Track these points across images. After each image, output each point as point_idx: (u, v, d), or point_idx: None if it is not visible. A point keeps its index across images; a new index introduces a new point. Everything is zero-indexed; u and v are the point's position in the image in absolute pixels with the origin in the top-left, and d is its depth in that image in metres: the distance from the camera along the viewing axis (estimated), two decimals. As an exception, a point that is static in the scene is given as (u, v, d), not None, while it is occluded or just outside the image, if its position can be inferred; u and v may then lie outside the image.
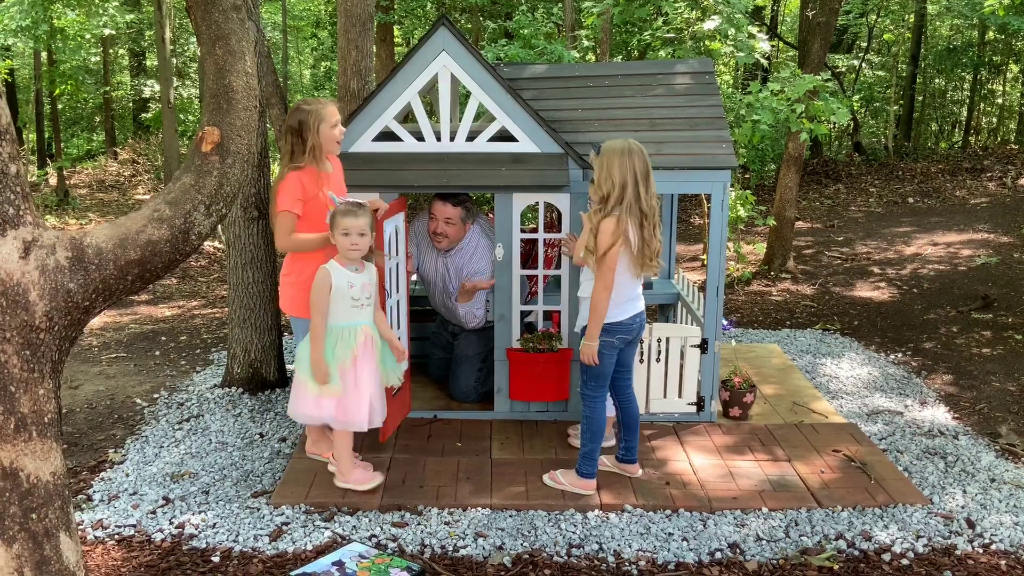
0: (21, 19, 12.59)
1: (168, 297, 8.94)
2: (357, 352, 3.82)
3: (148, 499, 4.00)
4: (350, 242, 3.77)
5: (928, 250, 10.22)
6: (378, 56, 12.19)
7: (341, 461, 3.98)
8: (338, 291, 3.79)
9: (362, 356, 3.84)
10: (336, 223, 3.79)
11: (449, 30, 4.43)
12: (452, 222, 4.82)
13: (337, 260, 3.83)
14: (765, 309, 7.84)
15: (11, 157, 2.22)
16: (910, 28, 17.43)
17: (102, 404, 5.38)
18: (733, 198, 7.71)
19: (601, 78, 5.15)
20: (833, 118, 6.75)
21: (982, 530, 3.70)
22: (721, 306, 4.66)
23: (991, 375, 5.74)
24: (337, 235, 3.79)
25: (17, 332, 2.23)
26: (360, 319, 3.85)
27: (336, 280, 3.79)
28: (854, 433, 4.66)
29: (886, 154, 16.82)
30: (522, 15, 10.71)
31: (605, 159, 3.75)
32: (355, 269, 3.84)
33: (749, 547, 3.57)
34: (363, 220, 3.78)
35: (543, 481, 4.07)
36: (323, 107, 3.96)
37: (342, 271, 3.81)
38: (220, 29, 2.61)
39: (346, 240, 3.77)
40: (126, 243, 2.41)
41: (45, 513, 2.30)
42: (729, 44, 7.56)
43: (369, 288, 3.87)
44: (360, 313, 3.85)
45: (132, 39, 18.54)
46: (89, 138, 20.29)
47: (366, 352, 3.86)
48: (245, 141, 2.65)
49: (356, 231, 3.77)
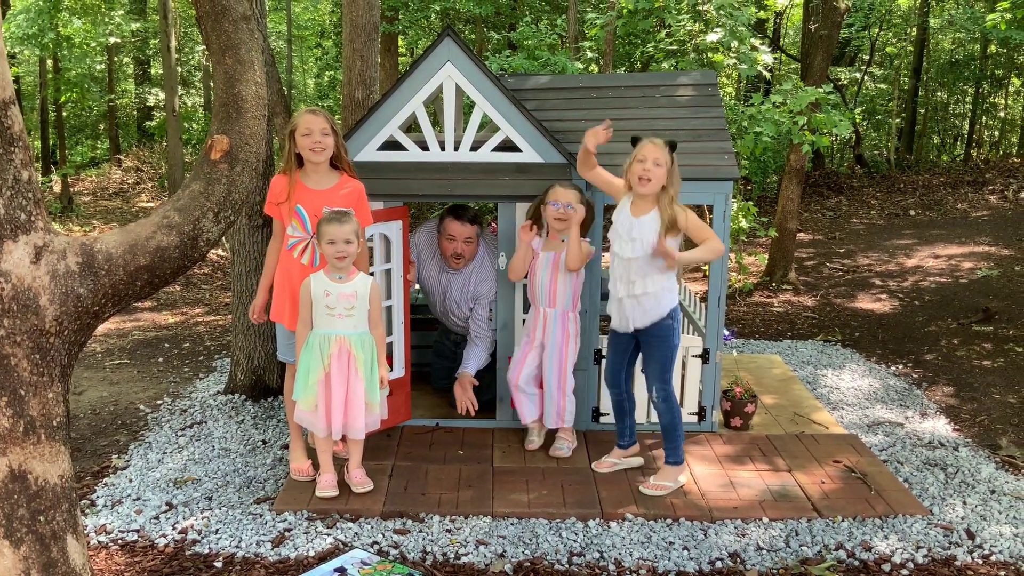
0: (28, 27, 12.68)
1: (172, 304, 8.97)
2: (331, 362, 3.82)
3: (151, 504, 4.02)
4: (336, 250, 3.77)
5: (929, 262, 10.24)
6: (382, 66, 12.23)
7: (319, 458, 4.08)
8: (314, 298, 3.84)
9: (335, 365, 3.83)
10: (321, 232, 3.80)
11: (454, 41, 4.47)
12: (471, 240, 4.86)
13: (325, 269, 3.87)
14: (766, 320, 7.86)
15: (23, 164, 2.25)
16: (912, 41, 17.50)
17: (106, 410, 5.40)
18: (735, 209, 7.75)
19: (604, 89, 5.19)
20: (835, 130, 6.79)
21: (982, 541, 3.71)
22: (723, 316, 4.68)
23: (992, 387, 5.76)
24: (323, 244, 3.80)
25: (27, 336, 2.26)
26: (336, 328, 3.84)
27: (313, 287, 3.84)
28: (855, 444, 4.67)
29: (888, 166, 16.86)
30: (526, 26, 10.77)
31: (675, 159, 3.92)
32: (339, 278, 3.84)
33: (749, 556, 3.58)
34: (348, 228, 3.78)
35: (644, 493, 4.07)
36: (299, 115, 3.99)
37: (322, 279, 3.85)
38: (230, 39, 2.64)
39: (332, 249, 3.77)
40: (136, 249, 2.44)
41: (53, 516, 2.33)
42: (732, 56, 7.60)
43: (351, 299, 3.84)
44: (336, 322, 3.84)
45: (137, 47, 18.64)
46: (93, 145, 20.37)
47: (339, 362, 3.83)
48: (254, 149, 2.69)
49: (342, 239, 3.76)
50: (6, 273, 2.23)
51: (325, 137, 3.94)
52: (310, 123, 3.93)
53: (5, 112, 2.21)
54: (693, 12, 7.80)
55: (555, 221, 4.26)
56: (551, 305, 4.39)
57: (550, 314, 4.39)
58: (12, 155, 2.23)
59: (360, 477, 4.06)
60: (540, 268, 4.39)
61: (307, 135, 3.93)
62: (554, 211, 4.23)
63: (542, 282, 4.38)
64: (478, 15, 13.03)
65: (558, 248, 4.34)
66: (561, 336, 4.40)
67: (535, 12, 14.32)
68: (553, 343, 4.40)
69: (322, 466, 4.06)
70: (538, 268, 4.39)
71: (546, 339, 4.41)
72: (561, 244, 4.32)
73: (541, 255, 4.39)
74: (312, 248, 4.00)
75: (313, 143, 3.93)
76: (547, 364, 4.43)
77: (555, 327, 4.40)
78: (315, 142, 3.93)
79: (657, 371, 4.09)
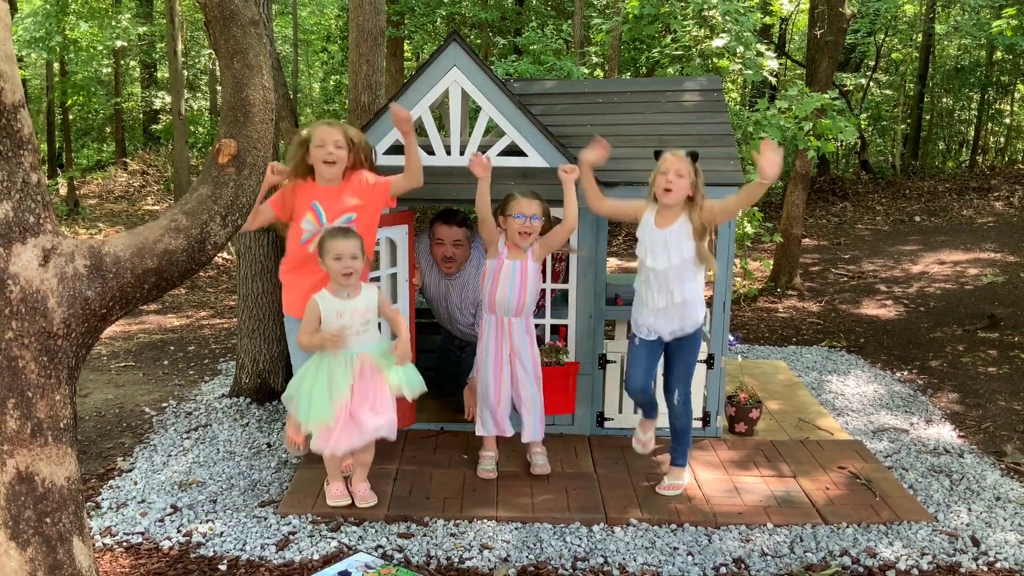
0: (35, 30, 12.74)
1: (177, 307, 8.99)
2: (354, 381, 3.71)
3: (156, 507, 4.03)
4: (343, 266, 3.66)
5: (935, 268, 10.23)
6: (388, 71, 12.27)
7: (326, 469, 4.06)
8: (327, 321, 3.70)
9: (358, 384, 3.72)
10: (326, 248, 3.69)
11: (460, 46, 4.48)
12: (460, 243, 4.86)
13: (328, 288, 3.75)
14: (771, 325, 7.85)
15: (32, 167, 2.27)
16: (918, 47, 17.49)
17: (111, 412, 5.41)
18: (740, 214, 7.74)
19: (610, 94, 5.19)
20: (840, 136, 6.80)
21: (987, 548, 3.70)
22: (727, 322, 4.68)
23: (997, 394, 5.74)
24: (329, 261, 3.68)
25: (35, 338, 2.27)
26: (356, 346, 3.73)
27: (324, 310, 3.70)
28: (859, 450, 4.66)
29: (893, 172, 16.84)
30: (532, 31, 10.79)
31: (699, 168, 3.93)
32: (346, 296, 3.73)
33: (754, 562, 3.57)
34: (354, 242, 3.69)
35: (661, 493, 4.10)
36: (315, 127, 4.00)
37: (331, 300, 3.72)
38: (238, 43, 2.65)
39: (339, 264, 3.66)
40: (143, 252, 2.45)
41: (59, 518, 2.33)
42: (737, 62, 7.61)
43: (366, 313, 3.75)
44: (353, 340, 3.73)
45: (144, 51, 18.69)
46: (99, 149, 20.43)
47: (362, 379, 3.73)
48: (261, 153, 2.69)
49: (348, 254, 3.66)
50: (14, 276, 2.24)
51: (338, 150, 3.93)
52: (324, 135, 3.93)
53: (14, 115, 2.22)
54: (698, 18, 7.81)
55: (519, 236, 4.09)
56: (517, 314, 4.19)
57: (515, 323, 4.19)
58: (21, 158, 2.24)
59: (364, 491, 4.02)
60: (505, 277, 4.14)
61: (320, 147, 3.93)
62: (519, 224, 4.06)
63: (509, 292, 4.14)
64: (484, 20, 13.05)
65: (522, 257, 4.15)
66: (530, 344, 4.24)
67: (541, 17, 14.34)
68: (525, 352, 4.22)
69: (330, 474, 4.04)
70: (502, 277, 4.14)
71: (514, 350, 4.21)
72: (523, 253, 4.14)
73: (505, 263, 4.14)
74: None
75: (325, 155, 3.92)
76: (522, 376, 4.22)
77: (522, 336, 4.22)
78: (327, 153, 3.92)
79: (684, 374, 4.11)
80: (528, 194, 4.11)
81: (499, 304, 4.18)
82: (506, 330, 4.20)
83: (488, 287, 4.19)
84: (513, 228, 4.09)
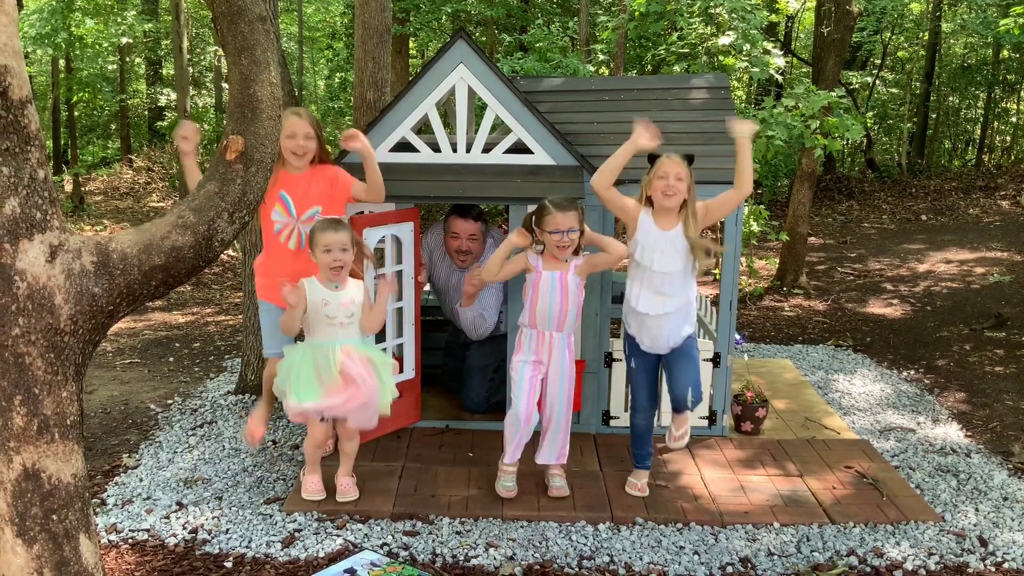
0: (41, 27, 12.75)
1: (182, 304, 9.00)
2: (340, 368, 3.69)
3: (162, 504, 4.03)
4: (332, 258, 3.65)
5: (941, 267, 10.20)
6: (393, 68, 12.25)
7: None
8: (313, 308, 3.71)
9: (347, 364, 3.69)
10: (316, 240, 3.68)
11: (467, 43, 4.47)
12: (476, 238, 4.86)
13: (318, 277, 3.76)
14: (777, 324, 7.83)
15: (39, 162, 2.26)
16: (924, 46, 17.43)
17: (116, 409, 5.41)
18: (746, 213, 7.73)
19: (617, 92, 5.18)
20: (847, 134, 6.77)
21: (994, 548, 3.68)
22: (734, 321, 4.67)
23: (1004, 393, 5.72)
24: (318, 253, 3.67)
25: (42, 335, 2.26)
26: (339, 337, 3.73)
27: (310, 296, 3.70)
28: (866, 449, 4.65)
29: (899, 171, 16.79)
30: (538, 28, 10.78)
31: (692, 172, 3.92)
32: (335, 287, 3.73)
33: (760, 562, 3.56)
34: (344, 235, 3.68)
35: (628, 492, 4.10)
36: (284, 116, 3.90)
37: (318, 287, 3.72)
38: (246, 40, 2.64)
39: (328, 257, 3.65)
40: (151, 249, 2.44)
41: (65, 515, 2.33)
42: (743, 60, 7.59)
43: (350, 307, 3.75)
44: (338, 332, 3.72)
45: (149, 48, 18.71)
46: (104, 145, 20.45)
47: (351, 364, 3.70)
48: (268, 150, 2.69)
49: (338, 247, 3.65)
50: (21, 272, 2.23)
51: (308, 141, 3.98)
52: (294, 126, 3.95)
53: (22, 111, 2.22)
54: (705, 15, 7.79)
55: (557, 249, 3.94)
56: (558, 329, 4.02)
57: (556, 338, 4.03)
58: (28, 154, 2.23)
59: (346, 485, 4.00)
60: (545, 290, 3.98)
61: (291, 138, 3.94)
62: (557, 239, 3.89)
63: (550, 305, 3.97)
64: (490, 17, 13.04)
65: (562, 268, 3.99)
66: (569, 360, 4.06)
67: (547, 14, 14.32)
68: (562, 369, 4.04)
69: (309, 466, 4.03)
70: (542, 289, 3.98)
71: (551, 364, 4.04)
72: (564, 264, 4.00)
73: (544, 275, 3.98)
74: (297, 232, 4.01)
75: (295, 146, 3.96)
76: (554, 393, 4.05)
77: (562, 351, 4.04)
78: (297, 145, 3.96)
79: (693, 375, 4.00)
80: (563, 204, 3.90)
81: (539, 317, 4.01)
82: (546, 344, 4.03)
83: (528, 300, 4.04)
84: (551, 242, 3.93)
